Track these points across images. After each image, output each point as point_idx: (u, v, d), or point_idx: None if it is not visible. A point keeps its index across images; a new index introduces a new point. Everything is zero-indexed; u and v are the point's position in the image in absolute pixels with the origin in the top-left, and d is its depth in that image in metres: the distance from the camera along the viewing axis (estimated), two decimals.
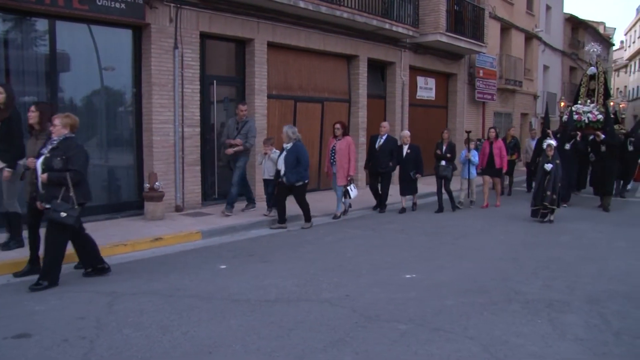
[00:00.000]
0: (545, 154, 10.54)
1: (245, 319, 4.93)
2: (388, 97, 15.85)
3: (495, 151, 12.25)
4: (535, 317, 5.08)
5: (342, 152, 10.19)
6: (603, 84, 14.54)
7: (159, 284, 6.00)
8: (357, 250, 7.85)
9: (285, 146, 9.21)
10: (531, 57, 25.06)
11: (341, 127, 10.41)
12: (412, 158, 11.16)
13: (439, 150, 11.50)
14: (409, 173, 11.17)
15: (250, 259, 7.21)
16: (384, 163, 11.00)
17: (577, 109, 14.02)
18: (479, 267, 6.98)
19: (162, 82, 9.66)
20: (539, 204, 10.35)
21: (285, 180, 9.07)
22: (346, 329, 4.70)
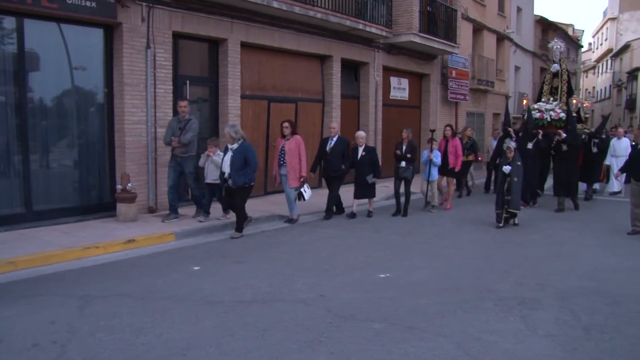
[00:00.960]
0: (505, 156, 10.22)
1: (219, 321, 4.90)
2: (362, 97, 15.91)
3: (451, 149, 11.95)
4: (507, 315, 5.16)
5: (292, 152, 9.66)
6: (566, 81, 14.17)
7: (132, 286, 5.93)
8: (332, 250, 7.87)
9: (231, 147, 8.51)
10: (503, 58, 25.41)
11: (289, 125, 9.83)
12: (368, 160, 10.51)
13: (398, 151, 10.95)
14: (364, 176, 10.51)
15: (224, 260, 7.17)
16: (336, 166, 10.41)
17: (540, 106, 13.64)
18: (453, 266, 7.06)
19: (134, 82, 9.54)
20: (500, 209, 9.91)
21: (232, 184, 8.41)
22: (321, 329, 4.70)
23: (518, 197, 9.89)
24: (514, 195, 9.77)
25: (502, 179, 10.01)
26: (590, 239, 8.92)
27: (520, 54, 27.74)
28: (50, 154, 9.03)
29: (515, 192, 9.80)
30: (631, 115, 43.21)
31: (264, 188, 12.63)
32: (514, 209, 9.80)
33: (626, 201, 10.13)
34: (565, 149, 11.96)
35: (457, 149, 12.01)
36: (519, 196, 9.93)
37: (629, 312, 5.31)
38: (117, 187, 9.13)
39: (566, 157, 11.97)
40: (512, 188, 9.80)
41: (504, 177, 9.97)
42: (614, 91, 51.36)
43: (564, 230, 9.64)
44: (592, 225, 10.24)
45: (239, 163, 8.35)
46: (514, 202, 9.77)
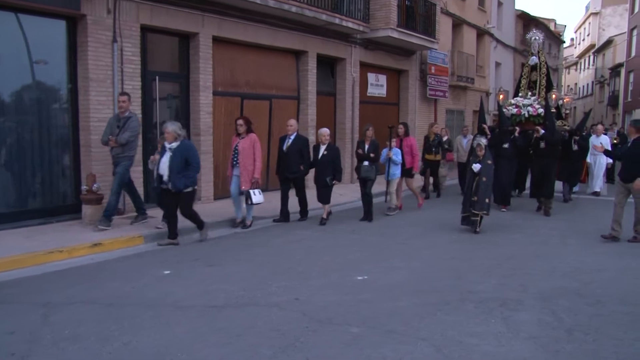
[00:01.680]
0: (475, 154, 9.79)
1: (191, 326, 4.86)
2: (338, 94, 15.94)
3: (406, 149, 11.61)
4: (488, 316, 5.21)
5: (245, 152, 9.24)
6: (545, 75, 13.86)
7: (99, 292, 5.85)
8: (307, 252, 7.87)
9: (169, 146, 7.97)
10: (483, 54, 25.70)
11: (244, 123, 9.40)
12: (330, 161, 10.01)
13: (360, 150, 10.50)
14: (324, 178, 10.00)
15: (196, 264, 7.12)
16: (293, 166, 9.95)
17: (517, 101, 13.31)
18: (432, 266, 7.11)
19: (100, 78, 9.41)
20: (467, 211, 9.56)
21: (172, 187, 7.90)
22: (296, 334, 4.70)
23: (485, 198, 9.39)
24: (480, 196, 9.34)
25: (471, 178, 9.65)
26: (572, 238, 9.06)
27: (501, 49, 28.09)
28: (10, 153, 8.85)
29: (483, 193, 9.36)
30: (614, 112, 43.99)
31: None
32: (479, 210, 9.33)
33: (609, 200, 10.25)
34: (543, 147, 11.64)
35: (413, 148, 11.76)
36: (486, 198, 9.42)
37: (612, 313, 5.39)
38: (83, 188, 8.98)
39: (544, 156, 11.61)
40: (479, 188, 9.39)
41: (473, 177, 9.59)
42: (597, 88, 52.25)
43: (546, 230, 9.77)
44: (575, 224, 10.39)
45: (179, 164, 7.87)
46: (479, 203, 9.34)
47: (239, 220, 9.60)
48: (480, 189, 9.37)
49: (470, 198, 9.51)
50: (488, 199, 9.48)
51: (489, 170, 9.46)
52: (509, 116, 12.93)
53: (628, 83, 40.95)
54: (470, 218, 9.45)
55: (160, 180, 8.04)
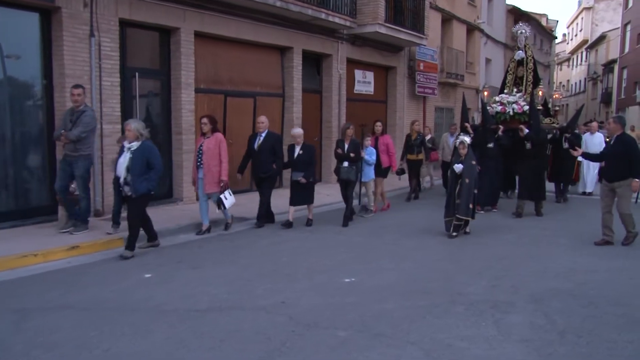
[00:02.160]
0: (457, 153, 9.42)
1: (173, 331, 4.84)
2: (324, 91, 15.95)
3: (382, 147, 11.42)
4: (479, 319, 5.24)
5: (210, 153, 8.92)
6: (532, 70, 13.45)
7: (76, 297, 5.81)
8: (294, 253, 7.87)
9: (129, 145, 7.59)
10: (473, 50, 25.84)
11: (209, 121, 9.07)
12: (305, 160, 9.81)
13: (339, 149, 10.22)
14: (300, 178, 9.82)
15: (178, 266, 7.10)
16: (265, 166, 9.70)
17: (502, 98, 12.91)
18: (421, 268, 7.14)
19: (77, 74, 9.33)
20: (451, 215, 9.15)
21: (132, 191, 7.52)
22: (282, 338, 4.69)
23: (468, 201, 9.04)
24: (462, 199, 8.96)
25: (453, 180, 9.25)
26: (564, 238, 9.13)
27: (491, 45, 28.27)
28: None
29: (466, 196, 8.97)
30: (607, 110, 44.26)
31: None
32: (463, 215, 8.98)
33: None
34: (528, 147, 11.35)
35: (389, 146, 11.57)
36: (469, 201, 9.06)
37: (605, 314, 5.44)
38: None
39: (530, 156, 11.33)
40: (462, 191, 9.00)
41: (455, 178, 9.19)
42: (589, 84, 52.68)
43: (538, 230, 9.84)
44: (567, 224, 10.48)
45: (140, 166, 7.50)
46: (462, 207, 8.96)
47: (206, 227, 9.20)
48: (463, 191, 8.99)
49: (453, 201, 9.13)
50: (472, 203, 9.10)
51: (472, 171, 9.09)
52: (493, 114, 12.70)
53: (621, 80, 41.30)
54: (454, 223, 9.09)
55: (118, 183, 7.67)
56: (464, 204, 8.96)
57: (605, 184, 8.72)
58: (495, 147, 11.81)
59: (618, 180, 8.44)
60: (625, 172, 8.36)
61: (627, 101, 38.89)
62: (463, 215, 8.99)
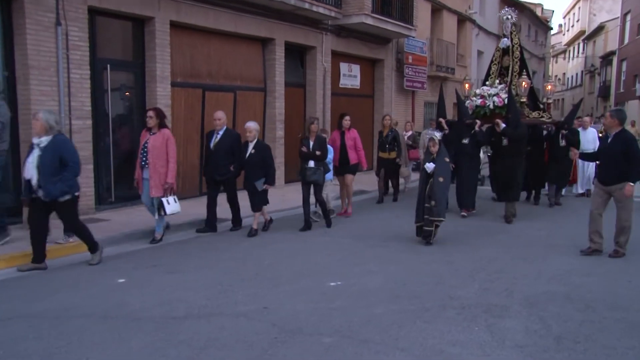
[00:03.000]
0: (427, 151, 8.96)
1: (148, 340, 4.82)
2: (308, 85, 15.97)
3: (349, 142, 11.05)
4: (472, 324, 5.27)
5: (156, 152, 8.36)
6: (519, 59, 12.77)
7: (43, 304, 5.75)
8: (277, 256, 7.87)
9: (37, 141, 6.87)
10: (464, 42, 25.98)
11: (155, 115, 8.47)
12: (258, 161, 9.23)
13: (304, 147, 9.72)
14: (253, 181, 9.27)
15: (154, 270, 7.07)
16: (222, 167, 9.27)
17: (483, 91, 12.29)
18: (410, 271, 7.17)
19: (42, 65, 9.23)
20: (421, 219, 8.73)
21: (44, 195, 6.84)
22: (264, 345, 4.69)
23: (443, 202, 8.73)
24: (437, 200, 8.51)
25: (424, 181, 8.78)
26: (560, 239, 9.20)
27: (483, 37, 28.44)
28: None
29: (440, 196, 8.56)
30: (605, 104, 44.20)
31: (199, 189, 12.53)
32: (436, 216, 8.55)
33: None
34: (505, 143, 10.85)
35: (357, 141, 11.18)
36: (444, 201, 8.82)
37: (603, 319, 5.49)
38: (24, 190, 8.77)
39: (507, 153, 10.85)
40: (434, 191, 8.54)
41: (426, 178, 8.74)
42: (586, 77, 52.83)
43: (532, 231, 9.91)
44: (562, 225, 10.56)
45: (51, 165, 6.77)
46: (437, 209, 8.51)
47: (160, 235, 8.69)
48: (436, 192, 8.52)
49: (423, 204, 8.68)
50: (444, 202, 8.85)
51: (445, 169, 8.71)
52: (472, 108, 12.17)
53: (620, 72, 41.36)
54: (424, 228, 8.68)
55: (29, 187, 6.91)
56: (440, 205, 8.54)
57: (600, 186, 8.12)
58: (470, 144, 11.34)
59: (615, 183, 7.88)
60: (625, 174, 7.82)
61: (626, 95, 39.04)
62: (436, 217, 8.54)
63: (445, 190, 8.77)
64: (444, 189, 8.68)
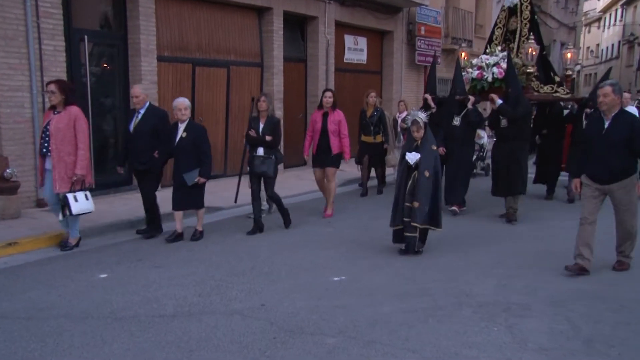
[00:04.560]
0: (409, 137, 7.83)
1: (133, 341, 4.83)
2: (309, 60, 15.92)
3: (331, 127, 9.88)
4: (490, 324, 5.27)
5: (61, 135, 7.47)
6: (528, 21, 11.43)
7: (14, 303, 5.76)
8: (274, 248, 7.88)
9: None
10: (483, 11, 25.80)
11: (58, 89, 7.55)
12: (190, 147, 8.17)
13: (251, 131, 8.76)
14: (182, 173, 8.20)
15: (139, 265, 7.09)
16: (143, 154, 8.30)
17: (481, 60, 11.11)
18: (421, 265, 7.17)
19: (9, 35, 9.14)
20: (399, 223, 7.64)
21: None
22: (262, 347, 4.71)
23: (429, 203, 7.48)
24: (422, 200, 7.41)
25: (404, 175, 7.67)
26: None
27: None
28: None
29: (425, 195, 7.43)
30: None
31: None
32: (420, 222, 7.44)
33: None
34: (504, 124, 9.82)
35: (341, 126, 9.98)
36: (434, 203, 7.54)
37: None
38: None
39: (506, 137, 9.80)
40: (419, 189, 7.43)
41: (407, 172, 7.62)
42: (624, 49, 51.56)
43: (556, 221, 9.86)
44: None
45: None
46: (420, 212, 7.42)
47: (75, 240, 7.91)
48: (421, 189, 7.42)
49: (403, 204, 7.58)
50: (436, 206, 7.58)
51: (432, 161, 7.53)
52: (468, 81, 11.07)
53: None
54: (405, 234, 7.59)
55: None
56: (423, 208, 7.41)
57: (593, 185, 6.90)
58: (462, 126, 10.25)
59: (617, 180, 6.74)
60: (630, 167, 6.78)
61: None
62: (420, 223, 7.44)
63: (435, 188, 7.54)
64: (432, 186, 7.48)
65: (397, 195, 7.68)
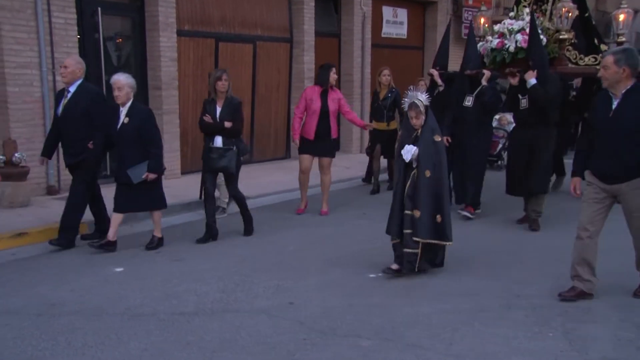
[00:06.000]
0: (406, 124, 6.72)
1: (151, 341, 4.88)
2: (343, 35, 15.86)
3: (332, 107, 9.20)
4: (544, 329, 5.21)
5: None
6: None
7: (23, 298, 5.84)
8: (304, 241, 7.91)
9: None
10: None
11: None
12: (134, 135, 7.27)
13: (207, 116, 7.90)
14: (125, 169, 7.32)
15: (157, 258, 7.17)
16: (74, 145, 7.48)
17: (503, 27, 9.81)
18: (463, 261, 7.09)
19: (16, 7, 9.21)
20: (394, 235, 6.59)
21: None
22: (290, 348, 4.73)
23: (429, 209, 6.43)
24: (423, 207, 6.40)
25: (401, 174, 6.66)
26: None
27: None
28: None
29: (427, 201, 6.41)
30: None
31: None
32: (422, 236, 6.39)
33: None
34: (524, 106, 8.63)
35: (343, 105, 9.36)
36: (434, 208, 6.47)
37: None
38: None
39: (528, 122, 8.64)
40: (419, 193, 6.42)
41: (404, 171, 6.61)
42: None
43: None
44: None
45: None
46: (421, 223, 6.39)
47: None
48: (421, 192, 6.43)
49: (401, 210, 6.55)
50: (440, 214, 6.49)
51: (435, 156, 6.50)
52: (486, 53, 9.98)
53: None
54: (404, 249, 6.47)
55: None
56: (425, 217, 6.41)
57: (598, 183, 5.86)
58: (475, 107, 9.16)
59: (630, 179, 5.69)
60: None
61: None
62: (422, 237, 6.40)
63: (441, 187, 6.53)
64: (429, 188, 6.45)
65: (393, 200, 6.67)
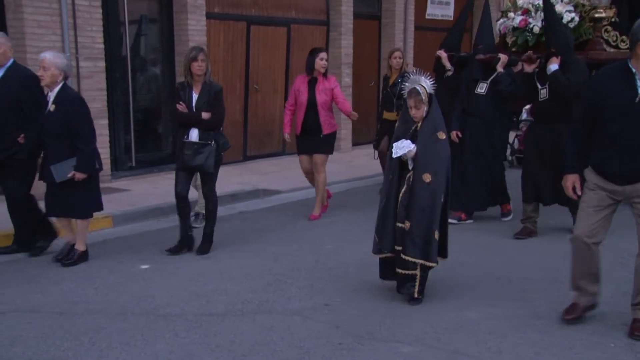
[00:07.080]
0: (404, 116, 5.96)
1: (178, 342, 4.92)
2: (384, 17, 15.81)
3: (320, 98, 8.57)
4: (605, 339, 5.13)
5: None
6: None
7: (45, 296, 5.92)
8: (341, 239, 7.90)
9: None
10: None
11: None
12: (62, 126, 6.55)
13: (181, 104, 7.14)
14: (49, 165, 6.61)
15: (184, 255, 7.21)
16: (2, 139, 6.74)
17: (527, 2, 9.15)
18: (514, 261, 7.07)
19: None
20: (385, 249, 5.85)
21: None
22: (325, 353, 4.74)
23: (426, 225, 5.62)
24: (416, 221, 5.63)
25: (395, 176, 5.84)
26: None
27: None
28: None
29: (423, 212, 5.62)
30: None
31: (242, 153, 12.73)
32: (412, 255, 5.62)
33: None
34: (543, 97, 7.93)
35: (337, 96, 8.73)
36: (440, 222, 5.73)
37: None
38: None
39: (549, 116, 7.91)
40: (415, 201, 5.64)
41: (399, 172, 5.82)
42: None
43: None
44: None
45: None
46: (413, 238, 5.63)
47: None
48: (417, 201, 5.64)
49: (393, 221, 5.81)
50: (435, 229, 5.64)
51: (438, 157, 5.70)
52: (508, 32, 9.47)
53: None
54: (397, 269, 5.80)
55: None
56: (419, 232, 5.63)
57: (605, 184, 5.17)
58: (489, 96, 8.55)
59: None
60: None
61: None
62: (412, 256, 5.63)
63: (437, 199, 5.66)
64: (435, 197, 5.66)
65: (382, 210, 5.91)
